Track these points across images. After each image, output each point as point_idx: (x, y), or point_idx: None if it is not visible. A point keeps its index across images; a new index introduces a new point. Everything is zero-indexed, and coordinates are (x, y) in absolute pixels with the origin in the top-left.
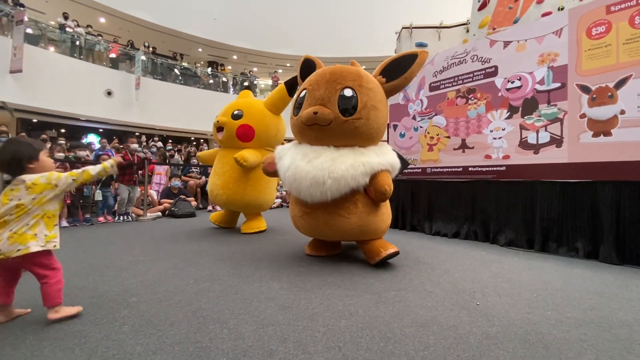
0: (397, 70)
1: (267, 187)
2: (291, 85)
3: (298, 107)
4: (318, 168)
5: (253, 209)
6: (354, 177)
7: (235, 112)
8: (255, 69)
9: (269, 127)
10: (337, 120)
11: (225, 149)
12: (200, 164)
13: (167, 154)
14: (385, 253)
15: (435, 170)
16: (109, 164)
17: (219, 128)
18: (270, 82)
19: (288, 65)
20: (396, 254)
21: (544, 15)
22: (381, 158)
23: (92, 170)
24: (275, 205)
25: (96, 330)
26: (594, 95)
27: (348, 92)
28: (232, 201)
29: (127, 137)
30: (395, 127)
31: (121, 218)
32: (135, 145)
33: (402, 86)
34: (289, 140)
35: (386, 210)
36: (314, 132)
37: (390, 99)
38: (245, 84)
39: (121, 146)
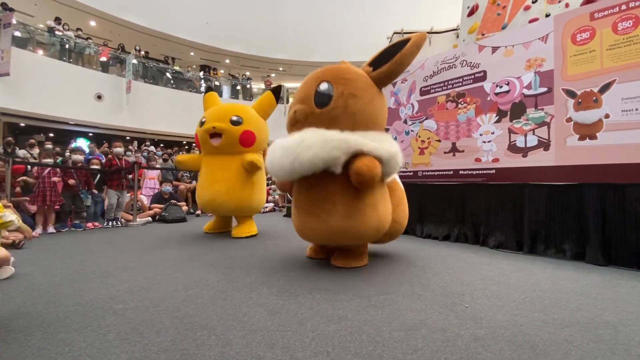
0: (385, 58)
1: (263, 189)
2: (277, 93)
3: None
4: (293, 139)
5: (254, 211)
6: (324, 148)
7: (234, 119)
8: (247, 73)
9: (264, 131)
10: (313, 113)
11: (219, 155)
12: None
13: (161, 158)
14: (351, 265)
15: (426, 173)
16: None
17: (215, 134)
18: (262, 86)
19: (281, 69)
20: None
21: (531, 21)
22: (369, 141)
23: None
24: (267, 209)
25: (80, 338)
26: (580, 100)
27: (323, 86)
28: (242, 206)
29: (112, 142)
30: (387, 131)
31: (110, 223)
32: (119, 150)
33: (394, 72)
34: None
35: (375, 213)
36: (297, 128)
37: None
38: (208, 84)
39: (109, 150)
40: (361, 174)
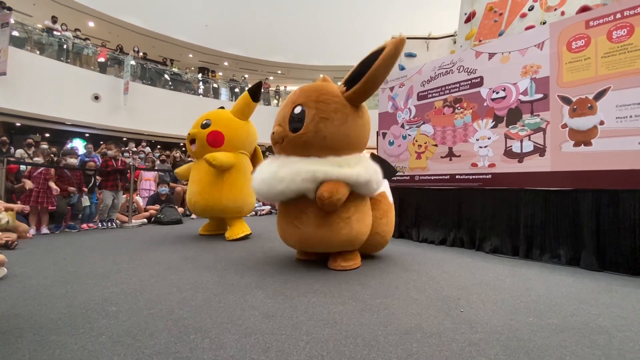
0: (357, 77)
1: (243, 190)
2: (254, 92)
3: None
4: (268, 171)
5: (232, 213)
6: (294, 181)
7: (204, 122)
8: (246, 76)
9: (238, 131)
10: (287, 137)
11: (199, 159)
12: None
13: (158, 160)
14: (340, 267)
15: (423, 177)
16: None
17: (192, 140)
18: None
19: (279, 72)
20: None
21: (527, 28)
22: (336, 169)
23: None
24: (264, 212)
25: (72, 340)
26: (575, 106)
27: (297, 110)
28: (211, 206)
29: (108, 143)
30: (384, 135)
31: (105, 225)
32: (111, 152)
33: (366, 92)
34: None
35: (346, 225)
36: (276, 148)
37: (379, 107)
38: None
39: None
40: (321, 199)
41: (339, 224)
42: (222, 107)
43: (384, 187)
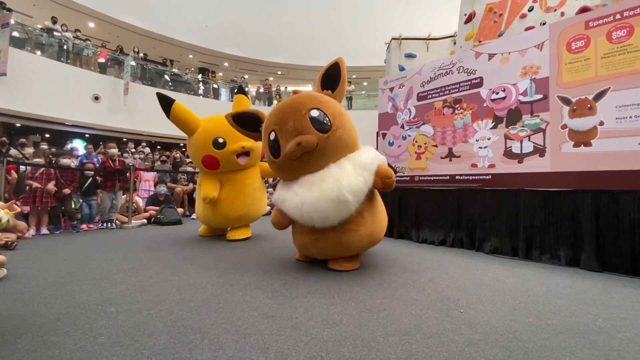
0: (334, 81)
1: (254, 197)
2: (242, 89)
3: (273, 150)
4: (332, 189)
5: (248, 221)
6: (365, 182)
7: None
8: (246, 76)
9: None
10: (321, 140)
11: (228, 172)
12: (188, 170)
13: (159, 160)
14: (346, 268)
15: (423, 178)
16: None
17: (243, 154)
18: (262, 89)
19: (279, 73)
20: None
21: (527, 29)
22: (368, 155)
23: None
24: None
25: (71, 341)
26: (574, 107)
27: (315, 113)
28: (229, 217)
29: (106, 143)
30: (384, 135)
31: (105, 225)
32: (114, 151)
33: (343, 93)
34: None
35: (383, 213)
36: (303, 161)
37: (379, 107)
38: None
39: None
40: (391, 177)
41: (356, 223)
42: (241, 92)
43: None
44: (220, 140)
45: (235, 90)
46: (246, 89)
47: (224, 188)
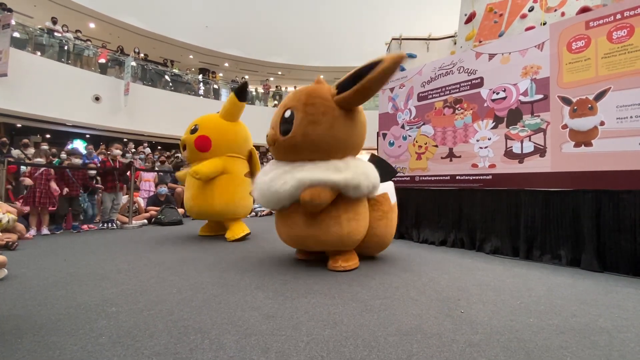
0: (349, 84)
1: (237, 193)
2: (241, 91)
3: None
4: (263, 182)
5: (227, 216)
6: (285, 191)
7: (193, 127)
8: (246, 77)
9: (226, 133)
10: (277, 140)
11: (192, 164)
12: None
13: (158, 161)
14: (341, 267)
15: (423, 178)
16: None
17: (184, 146)
18: (262, 89)
19: (279, 73)
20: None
21: (527, 29)
22: (323, 174)
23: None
24: (264, 213)
25: (71, 341)
26: (575, 107)
27: (287, 114)
28: (205, 210)
29: (111, 144)
30: (384, 135)
31: (105, 225)
32: (118, 152)
33: (356, 100)
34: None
35: (336, 224)
36: (272, 151)
37: (379, 108)
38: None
39: (105, 151)
40: (303, 202)
41: (328, 222)
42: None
43: (387, 188)
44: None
45: (234, 90)
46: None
47: (188, 178)
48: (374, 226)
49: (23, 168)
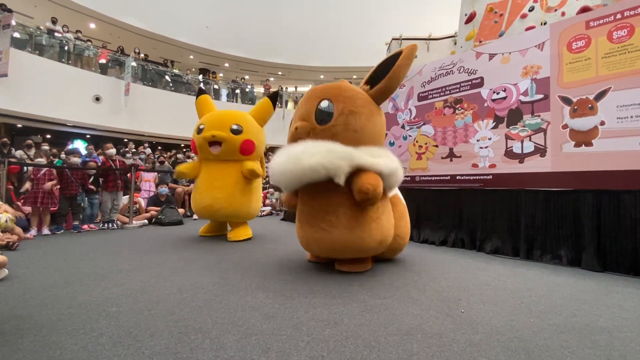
0: (380, 75)
1: (260, 195)
2: (274, 99)
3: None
4: (297, 147)
5: (251, 217)
6: (327, 157)
7: (234, 127)
8: (246, 77)
9: (262, 139)
10: (314, 130)
11: (217, 162)
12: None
13: (157, 161)
14: (355, 270)
15: (423, 178)
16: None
17: (215, 142)
18: (262, 90)
19: (280, 73)
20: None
21: (527, 29)
22: (369, 157)
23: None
24: (264, 213)
25: (72, 341)
26: (575, 107)
27: (324, 104)
28: (240, 212)
29: (103, 144)
30: (384, 135)
31: (106, 225)
32: (112, 151)
33: (390, 87)
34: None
35: (378, 226)
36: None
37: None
38: (199, 86)
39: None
40: (366, 192)
41: (371, 224)
42: (203, 91)
43: (395, 190)
44: (201, 127)
45: (269, 96)
46: (247, 90)
47: (215, 177)
48: (396, 227)
49: (24, 169)
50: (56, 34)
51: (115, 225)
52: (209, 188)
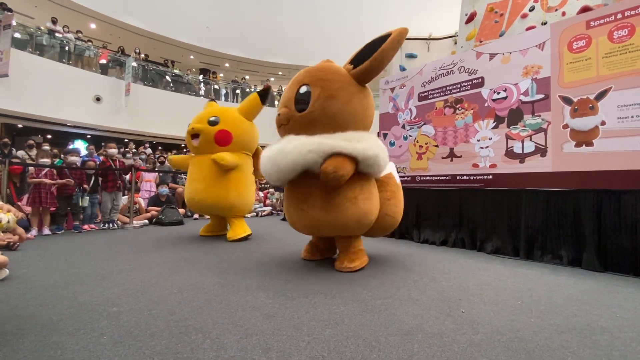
0: (366, 55)
1: (247, 189)
2: (264, 95)
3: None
4: (275, 148)
5: (238, 210)
6: (300, 154)
7: (212, 119)
8: (247, 77)
9: (246, 132)
10: (293, 117)
11: (201, 155)
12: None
13: (158, 161)
14: (347, 269)
15: (424, 178)
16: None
17: (194, 135)
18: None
19: (280, 73)
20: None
21: (528, 29)
22: (345, 142)
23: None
24: (265, 213)
25: (73, 341)
26: (576, 107)
27: (302, 89)
28: (218, 203)
29: (106, 143)
30: (385, 135)
31: (106, 226)
32: (113, 151)
33: (374, 68)
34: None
35: (354, 206)
36: (282, 131)
37: (380, 108)
38: (211, 97)
39: (103, 152)
40: (326, 174)
41: (345, 204)
42: (212, 100)
43: (390, 168)
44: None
45: (259, 92)
46: (247, 90)
47: (196, 170)
48: (385, 206)
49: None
50: (57, 34)
51: (115, 226)
52: (190, 181)
